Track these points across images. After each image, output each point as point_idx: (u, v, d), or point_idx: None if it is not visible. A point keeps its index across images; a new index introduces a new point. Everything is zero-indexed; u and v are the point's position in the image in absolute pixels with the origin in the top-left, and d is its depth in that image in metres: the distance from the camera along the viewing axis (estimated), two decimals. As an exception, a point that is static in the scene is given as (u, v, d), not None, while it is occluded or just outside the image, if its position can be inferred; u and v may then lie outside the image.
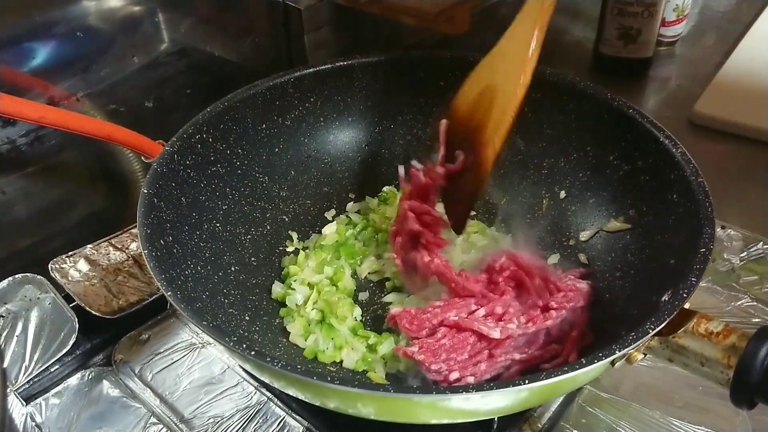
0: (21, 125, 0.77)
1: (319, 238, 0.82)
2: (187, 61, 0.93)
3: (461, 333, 0.65)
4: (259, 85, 0.80)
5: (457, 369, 0.62)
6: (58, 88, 0.80)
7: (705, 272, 0.55)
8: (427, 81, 0.87)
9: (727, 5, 1.48)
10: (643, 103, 1.16)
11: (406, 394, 0.50)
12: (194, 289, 0.65)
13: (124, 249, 0.82)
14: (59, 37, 0.78)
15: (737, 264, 0.82)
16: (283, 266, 0.79)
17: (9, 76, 0.75)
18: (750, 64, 1.20)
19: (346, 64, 0.85)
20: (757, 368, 0.49)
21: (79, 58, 0.80)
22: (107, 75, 0.84)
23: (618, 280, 0.70)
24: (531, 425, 0.66)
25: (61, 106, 0.80)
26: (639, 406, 0.68)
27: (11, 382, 0.69)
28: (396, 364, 0.68)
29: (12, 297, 0.73)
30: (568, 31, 1.39)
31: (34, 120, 0.70)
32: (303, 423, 0.67)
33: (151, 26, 0.87)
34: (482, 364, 0.63)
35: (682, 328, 0.54)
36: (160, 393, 0.70)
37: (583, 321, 0.66)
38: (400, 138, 0.91)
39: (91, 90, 0.83)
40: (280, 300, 0.75)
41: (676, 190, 0.66)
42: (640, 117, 0.72)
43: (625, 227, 0.74)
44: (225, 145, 0.78)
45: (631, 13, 1.12)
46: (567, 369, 0.48)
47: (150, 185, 0.66)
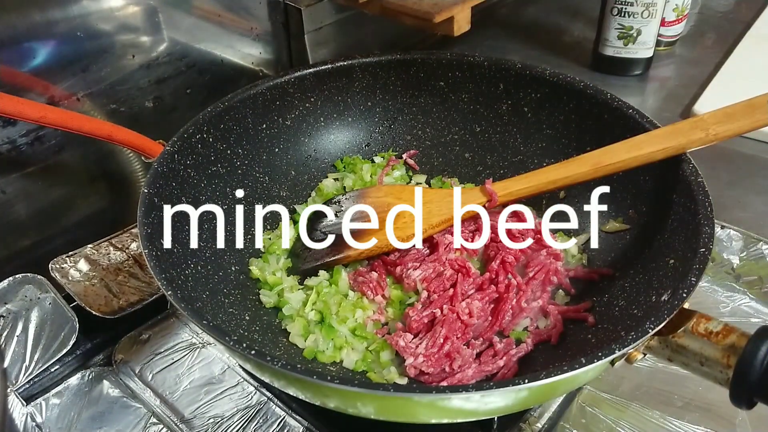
0: (21, 125, 0.77)
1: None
2: (187, 61, 0.93)
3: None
4: (259, 85, 0.80)
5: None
6: (58, 88, 0.80)
7: (705, 272, 0.56)
8: (427, 81, 0.87)
9: (727, 5, 1.49)
10: (643, 103, 1.16)
11: (406, 394, 0.50)
12: (194, 288, 0.65)
13: (125, 249, 0.82)
14: (59, 37, 0.78)
15: (737, 264, 0.82)
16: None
17: (9, 76, 0.75)
18: (750, 64, 1.20)
19: (346, 64, 0.85)
20: (756, 368, 0.49)
21: (79, 58, 0.80)
22: (107, 75, 0.84)
23: (618, 280, 0.70)
24: (531, 425, 0.66)
25: (61, 106, 0.80)
26: (639, 406, 0.68)
27: (11, 382, 0.69)
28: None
29: (12, 297, 0.73)
30: (568, 31, 1.39)
31: (34, 120, 0.70)
32: (303, 423, 0.67)
33: (151, 26, 0.87)
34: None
35: (682, 327, 0.54)
36: (160, 393, 0.70)
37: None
38: (400, 138, 0.91)
39: (91, 90, 0.83)
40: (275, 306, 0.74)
41: (676, 190, 0.67)
42: (640, 117, 0.72)
43: (624, 227, 0.74)
44: (225, 145, 0.78)
45: (631, 13, 1.12)
46: (567, 369, 0.48)
47: (150, 185, 0.66)
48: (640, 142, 0.68)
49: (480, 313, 0.69)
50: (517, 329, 0.69)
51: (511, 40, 1.36)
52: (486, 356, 0.66)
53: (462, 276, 0.72)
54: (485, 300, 0.70)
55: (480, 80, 0.85)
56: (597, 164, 0.69)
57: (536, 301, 0.71)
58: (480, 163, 0.88)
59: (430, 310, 0.69)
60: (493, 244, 0.76)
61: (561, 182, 0.71)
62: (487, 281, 0.72)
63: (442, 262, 0.73)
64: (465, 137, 0.88)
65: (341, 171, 0.88)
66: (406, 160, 0.90)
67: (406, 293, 0.73)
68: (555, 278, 0.73)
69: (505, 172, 0.85)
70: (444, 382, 0.64)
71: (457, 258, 0.74)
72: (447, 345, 0.66)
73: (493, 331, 0.69)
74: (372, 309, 0.72)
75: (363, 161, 0.89)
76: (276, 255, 0.77)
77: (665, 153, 0.67)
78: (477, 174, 0.87)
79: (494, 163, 0.87)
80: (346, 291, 0.74)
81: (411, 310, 0.70)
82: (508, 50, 1.32)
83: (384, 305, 0.72)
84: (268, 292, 0.73)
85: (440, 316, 0.68)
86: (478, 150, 0.88)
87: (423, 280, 0.72)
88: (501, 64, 0.83)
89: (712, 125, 0.66)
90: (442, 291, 0.71)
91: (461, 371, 0.64)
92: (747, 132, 0.66)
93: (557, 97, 0.80)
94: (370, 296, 0.72)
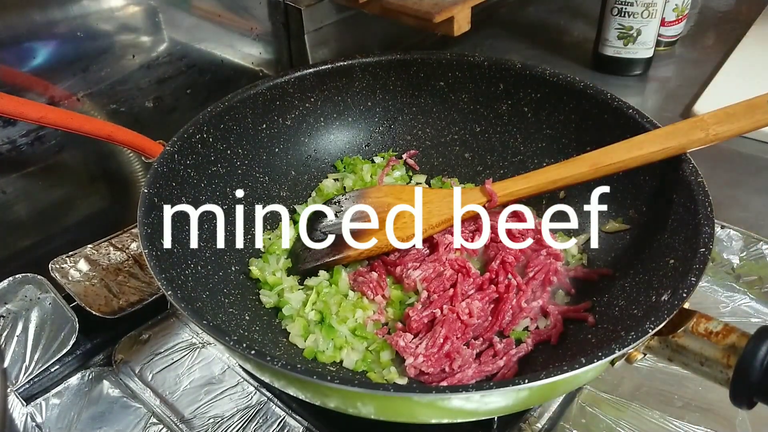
0: (21, 125, 0.77)
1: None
2: (187, 61, 0.93)
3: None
4: (259, 85, 0.80)
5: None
6: (58, 88, 0.80)
7: (705, 272, 0.56)
8: (427, 81, 0.87)
9: (727, 5, 1.49)
10: (643, 103, 1.16)
11: (406, 394, 0.50)
12: (194, 288, 0.65)
13: (125, 249, 0.82)
14: (59, 37, 0.78)
15: (737, 264, 0.82)
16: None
17: (9, 76, 0.75)
18: (750, 64, 1.20)
19: (346, 64, 0.85)
20: (756, 368, 0.49)
21: (79, 58, 0.80)
22: (107, 75, 0.84)
23: (618, 280, 0.70)
24: (531, 425, 0.66)
25: (62, 106, 0.80)
26: (639, 406, 0.68)
27: (11, 382, 0.69)
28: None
29: (12, 297, 0.73)
30: (568, 31, 1.39)
31: (35, 120, 0.70)
32: (303, 423, 0.67)
33: (151, 26, 0.87)
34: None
35: (682, 327, 0.54)
36: (160, 393, 0.70)
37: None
38: (400, 138, 0.91)
39: (91, 90, 0.83)
40: (275, 307, 0.74)
41: (676, 190, 0.67)
42: (640, 117, 0.72)
43: (624, 227, 0.74)
44: (225, 145, 0.78)
45: (631, 13, 1.12)
46: (567, 369, 0.48)
47: (150, 185, 0.66)
48: (640, 142, 0.68)
49: (480, 313, 0.69)
50: (517, 329, 0.69)
51: (511, 40, 1.36)
52: (486, 356, 0.66)
53: (462, 276, 0.72)
54: (485, 300, 0.70)
55: (480, 80, 0.85)
56: (597, 164, 0.69)
57: (536, 301, 0.71)
58: (480, 163, 0.88)
59: (430, 310, 0.69)
60: (493, 244, 0.76)
61: (561, 182, 0.71)
62: (487, 281, 0.72)
63: (442, 262, 0.73)
64: (465, 137, 0.88)
65: (341, 171, 0.88)
66: (406, 160, 0.90)
67: (406, 293, 0.73)
68: (555, 278, 0.73)
69: (505, 172, 0.85)
70: (444, 382, 0.64)
71: (457, 258, 0.74)
72: (447, 345, 0.66)
73: (493, 331, 0.69)
74: (372, 309, 0.71)
75: (363, 161, 0.89)
76: (276, 255, 0.77)
77: (665, 153, 0.67)
78: (477, 174, 0.87)
79: (494, 163, 0.87)
80: (346, 291, 0.74)
81: (411, 310, 0.70)
82: (508, 50, 1.32)
83: (384, 305, 0.72)
84: (268, 292, 0.73)
85: (440, 316, 0.68)
86: (478, 150, 0.88)
87: (423, 280, 0.72)
88: (501, 64, 0.83)
89: (712, 125, 0.66)
90: (442, 291, 0.71)
91: (461, 371, 0.64)
92: (747, 132, 0.66)
93: (557, 97, 0.80)
94: (370, 296, 0.72)
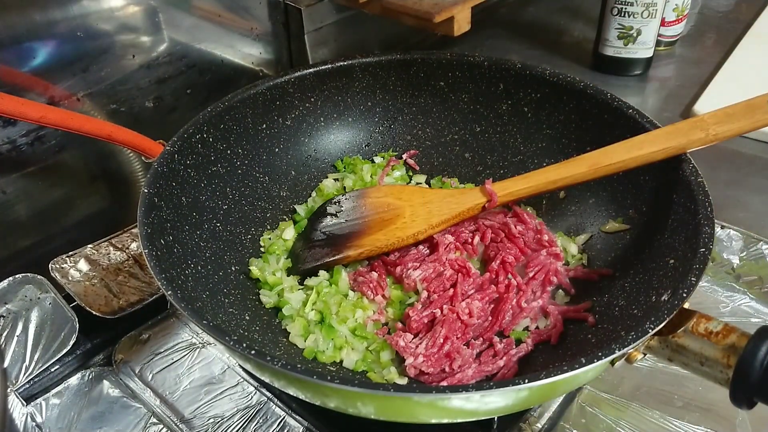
0: (21, 125, 0.77)
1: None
2: (188, 61, 0.93)
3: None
4: (259, 85, 0.80)
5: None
6: (58, 88, 0.80)
7: (705, 272, 0.56)
8: (427, 81, 0.87)
9: (727, 5, 1.49)
10: (643, 103, 1.16)
11: (406, 394, 0.49)
12: (194, 288, 0.65)
13: (125, 249, 0.82)
14: (59, 37, 0.78)
15: (737, 264, 0.82)
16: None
17: (9, 76, 0.75)
18: (750, 64, 1.20)
19: (346, 64, 0.85)
20: (756, 368, 0.49)
21: (79, 58, 0.80)
22: (107, 75, 0.84)
23: (618, 280, 0.70)
24: (531, 425, 0.66)
25: (62, 106, 0.80)
26: (639, 406, 0.68)
27: (11, 382, 0.69)
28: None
29: (12, 297, 0.73)
30: (568, 31, 1.39)
31: (35, 120, 0.70)
32: (303, 423, 0.67)
33: (152, 26, 0.87)
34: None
35: (682, 327, 0.54)
36: (160, 393, 0.70)
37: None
38: (400, 138, 0.91)
39: (91, 90, 0.83)
40: (275, 306, 0.74)
41: (676, 190, 0.67)
42: (640, 117, 0.72)
43: (624, 228, 0.74)
44: (225, 145, 0.78)
45: (631, 13, 1.12)
46: (567, 369, 0.48)
47: (150, 185, 0.66)
48: (640, 142, 0.68)
49: (480, 313, 0.69)
50: (517, 329, 0.69)
51: (511, 40, 1.36)
52: (486, 356, 0.66)
53: (462, 276, 0.72)
54: (485, 300, 0.70)
55: (480, 80, 0.85)
56: (597, 164, 0.69)
57: (536, 301, 0.71)
58: (480, 163, 0.88)
59: (430, 310, 0.69)
60: (493, 244, 0.76)
61: (561, 182, 0.71)
62: (487, 281, 0.72)
63: (442, 262, 0.73)
64: (465, 137, 0.88)
65: (341, 171, 0.88)
66: (406, 160, 0.90)
67: (406, 293, 0.73)
68: (555, 278, 0.73)
69: (505, 172, 0.85)
70: (444, 382, 0.64)
71: (457, 258, 0.74)
72: (447, 345, 0.66)
73: (493, 331, 0.69)
74: (372, 309, 0.72)
75: (363, 161, 0.89)
76: (276, 255, 0.77)
77: (665, 153, 0.67)
78: (477, 174, 0.87)
79: (494, 163, 0.87)
80: (346, 291, 0.74)
81: (411, 310, 0.70)
82: (508, 50, 1.32)
83: (384, 305, 0.72)
84: (268, 292, 0.73)
85: (440, 316, 0.68)
86: (478, 150, 0.88)
87: (423, 280, 0.72)
88: (501, 64, 0.83)
89: (712, 125, 0.66)
90: (442, 291, 0.71)
91: (461, 371, 0.64)
92: (747, 132, 0.66)
93: (557, 97, 0.80)
94: (370, 296, 0.72)
